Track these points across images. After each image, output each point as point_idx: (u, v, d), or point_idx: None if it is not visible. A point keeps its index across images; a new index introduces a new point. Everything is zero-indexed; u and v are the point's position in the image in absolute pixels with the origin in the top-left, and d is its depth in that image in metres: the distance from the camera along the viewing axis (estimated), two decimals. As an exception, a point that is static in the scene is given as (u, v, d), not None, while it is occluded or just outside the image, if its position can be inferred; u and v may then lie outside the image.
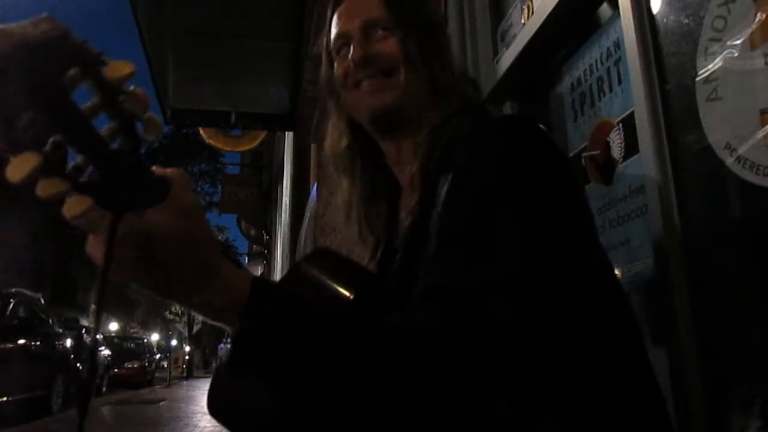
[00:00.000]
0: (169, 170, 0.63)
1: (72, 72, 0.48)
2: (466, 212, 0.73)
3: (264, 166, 15.68)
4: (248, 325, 0.62)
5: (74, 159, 0.51)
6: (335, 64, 0.98)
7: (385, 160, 1.00)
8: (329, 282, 0.88)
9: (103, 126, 0.51)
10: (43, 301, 10.06)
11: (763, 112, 0.92)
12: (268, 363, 0.63)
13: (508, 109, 1.96)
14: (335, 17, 0.99)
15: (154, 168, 0.62)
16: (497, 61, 1.98)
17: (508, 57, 1.87)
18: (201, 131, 13.08)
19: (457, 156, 0.78)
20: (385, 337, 0.65)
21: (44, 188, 0.48)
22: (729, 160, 0.98)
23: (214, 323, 0.66)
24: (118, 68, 0.50)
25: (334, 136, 1.05)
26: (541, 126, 0.81)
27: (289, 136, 9.08)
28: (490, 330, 0.64)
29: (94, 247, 0.59)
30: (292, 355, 0.63)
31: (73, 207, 0.50)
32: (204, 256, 0.62)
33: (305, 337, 0.64)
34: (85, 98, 0.50)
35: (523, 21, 1.82)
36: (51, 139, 0.48)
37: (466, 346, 0.63)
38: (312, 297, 0.75)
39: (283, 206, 9.94)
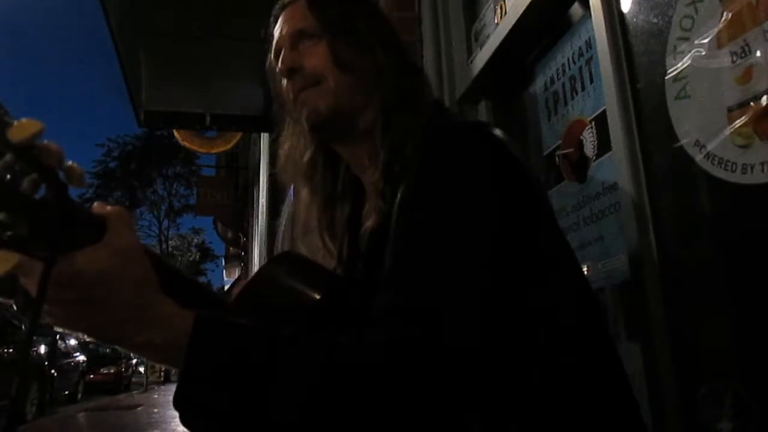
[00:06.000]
0: (108, 207, 0.61)
1: None
2: (416, 227, 0.72)
3: (240, 168, 15.57)
4: (192, 363, 0.61)
5: None
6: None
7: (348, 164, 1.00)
8: (295, 284, 0.87)
9: (25, 178, 0.49)
10: (15, 308, 9.86)
11: (730, 109, 0.93)
12: (215, 403, 0.61)
13: (482, 108, 1.97)
14: (273, 34, 0.99)
15: (95, 204, 0.61)
16: (471, 61, 1.99)
17: (482, 57, 1.88)
18: (175, 133, 12.94)
19: (411, 167, 0.77)
20: (339, 361, 0.63)
21: None
22: (698, 157, 0.99)
23: (162, 365, 0.64)
24: (23, 128, 0.48)
25: (297, 148, 1.03)
26: (498, 133, 0.80)
27: (264, 137, 9.02)
28: (445, 350, 0.63)
29: (30, 286, 0.57)
30: (241, 392, 0.61)
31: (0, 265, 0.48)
32: (141, 296, 0.61)
33: (253, 372, 0.62)
34: None
35: (496, 21, 1.83)
36: None
37: (421, 367, 0.62)
38: (260, 320, 0.73)
39: (260, 208, 9.87)
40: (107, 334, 0.62)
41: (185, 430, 0.73)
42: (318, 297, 0.83)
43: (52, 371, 10.97)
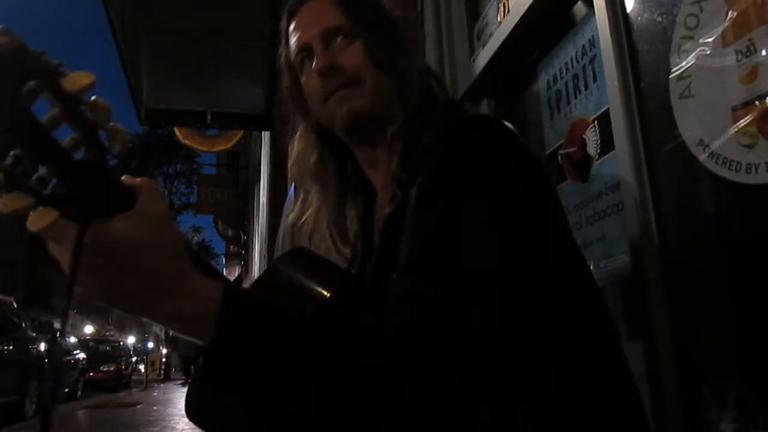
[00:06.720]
0: (138, 179, 0.62)
1: (30, 84, 0.47)
2: (436, 217, 0.72)
3: (241, 167, 15.58)
4: (222, 336, 0.61)
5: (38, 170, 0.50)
6: (302, 78, 0.97)
7: (358, 164, 1.00)
8: (305, 281, 0.87)
9: (66, 136, 0.50)
10: (15, 305, 9.89)
11: (734, 108, 0.93)
12: (242, 375, 0.62)
13: (485, 107, 1.97)
14: (292, 29, 0.98)
15: (123, 177, 0.61)
16: (474, 60, 1.99)
17: (484, 56, 1.88)
18: (176, 131, 12.95)
19: (428, 157, 0.78)
20: (360, 344, 0.64)
21: (7, 203, 0.48)
22: (702, 156, 0.99)
23: (183, 336, 0.65)
24: (77, 79, 0.49)
25: (305, 150, 1.04)
26: (510, 126, 0.81)
27: (265, 136, 9.03)
28: (465, 336, 0.64)
29: (60, 254, 0.57)
30: (268, 365, 0.62)
31: (38, 220, 0.49)
32: (172, 265, 0.61)
33: (280, 347, 0.63)
34: (45, 109, 0.49)
35: (498, 19, 1.83)
36: (11, 153, 0.47)
37: (442, 353, 0.63)
38: (286, 299, 0.74)
39: (261, 206, 9.88)
40: (136, 304, 0.61)
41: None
42: (328, 295, 0.83)
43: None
